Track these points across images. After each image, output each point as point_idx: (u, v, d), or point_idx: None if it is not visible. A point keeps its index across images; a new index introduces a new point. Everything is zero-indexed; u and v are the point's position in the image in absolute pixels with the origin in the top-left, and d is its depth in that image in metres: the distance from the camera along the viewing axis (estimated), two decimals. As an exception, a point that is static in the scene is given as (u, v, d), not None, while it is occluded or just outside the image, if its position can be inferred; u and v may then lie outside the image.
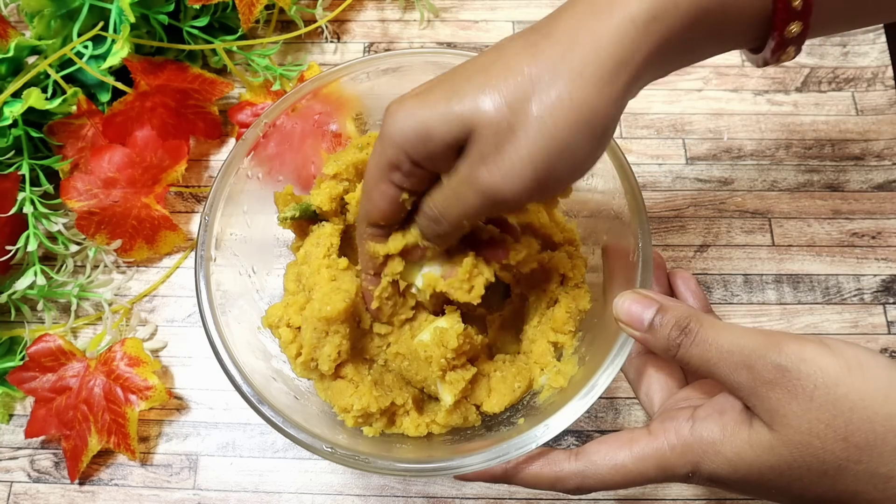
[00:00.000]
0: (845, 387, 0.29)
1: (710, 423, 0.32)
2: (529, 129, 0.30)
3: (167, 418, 0.52)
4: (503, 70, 0.31)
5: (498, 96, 0.31)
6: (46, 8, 0.55)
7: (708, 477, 0.32)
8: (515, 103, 0.30)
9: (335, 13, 0.64)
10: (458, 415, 0.41)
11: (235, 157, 0.44)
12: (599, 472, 0.34)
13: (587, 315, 0.44)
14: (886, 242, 0.56)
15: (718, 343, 0.32)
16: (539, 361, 0.43)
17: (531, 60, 0.31)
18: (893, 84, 0.62)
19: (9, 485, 0.50)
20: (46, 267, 0.53)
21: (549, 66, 0.30)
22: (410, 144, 0.32)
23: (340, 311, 0.38)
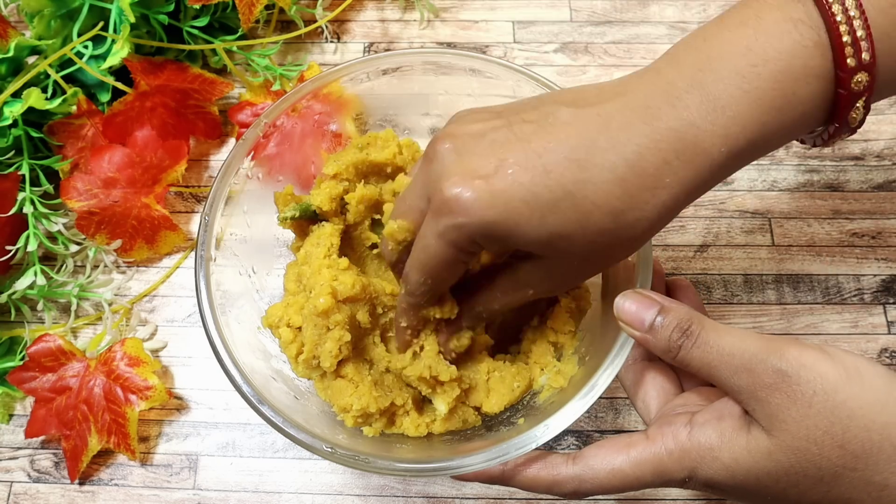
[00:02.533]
0: (844, 394, 0.29)
1: (707, 429, 0.32)
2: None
3: (167, 418, 0.52)
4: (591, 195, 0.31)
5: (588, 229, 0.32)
6: (46, 8, 0.55)
7: (705, 482, 0.32)
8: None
9: (335, 13, 0.64)
10: (457, 419, 0.41)
11: (235, 157, 0.44)
12: (597, 476, 0.34)
13: (587, 315, 0.44)
14: (886, 242, 0.56)
15: (720, 346, 0.32)
16: (539, 361, 0.43)
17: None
18: (893, 84, 0.62)
19: (9, 485, 0.50)
20: (46, 267, 0.53)
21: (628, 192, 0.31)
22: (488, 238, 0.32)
23: (333, 304, 0.38)
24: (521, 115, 0.33)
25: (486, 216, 0.31)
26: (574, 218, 0.31)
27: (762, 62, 0.31)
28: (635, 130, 0.31)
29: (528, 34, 0.65)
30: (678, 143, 0.31)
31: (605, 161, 0.31)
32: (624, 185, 0.31)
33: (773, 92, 0.31)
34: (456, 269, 0.35)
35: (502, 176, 0.31)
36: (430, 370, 0.39)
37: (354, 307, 0.40)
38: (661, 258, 0.56)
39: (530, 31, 0.65)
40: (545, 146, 0.31)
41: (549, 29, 0.65)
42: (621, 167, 0.31)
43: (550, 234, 0.32)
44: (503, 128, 0.33)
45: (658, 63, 0.33)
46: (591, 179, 0.31)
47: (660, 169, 0.31)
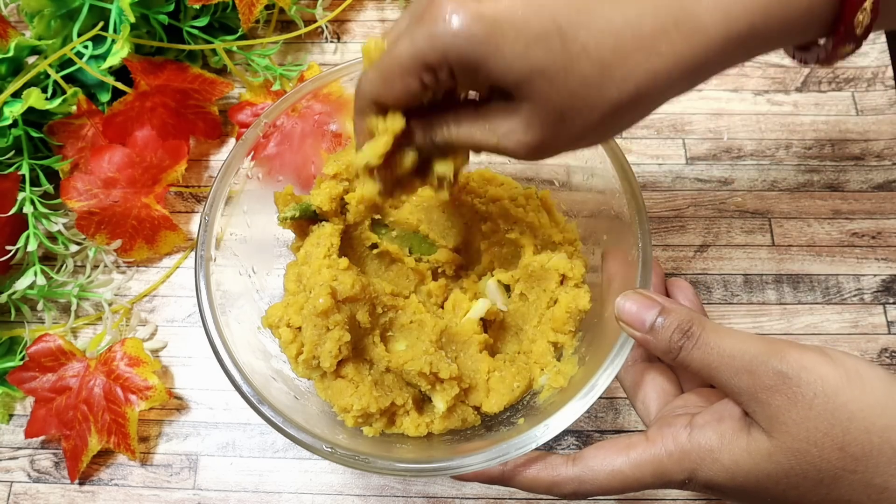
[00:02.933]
0: (844, 396, 0.29)
1: (707, 431, 0.32)
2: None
3: (167, 418, 0.52)
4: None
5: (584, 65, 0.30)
6: (46, 8, 0.55)
7: (704, 484, 0.32)
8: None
9: (335, 13, 0.64)
10: (456, 417, 0.41)
11: (235, 157, 0.44)
12: (596, 477, 0.34)
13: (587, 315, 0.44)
14: (886, 242, 0.56)
15: (720, 347, 0.32)
16: (539, 361, 0.43)
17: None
18: (893, 84, 0.62)
19: (9, 485, 0.50)
20: (46, 267, 0.53)
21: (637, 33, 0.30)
22: (462, 61, 0.30)
23: (332, 304, 0.38)
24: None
25: (468, 30, 0.29)
26: (560, 57, 0.30)
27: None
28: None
29: (528, 34, 0.65)
30: (679, 13, 0.30)
31: (605, 11, 0.30)
32: (618, 38, 0.30)
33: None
34: (411, 86, 0.32)
35: (498, 2, 0.30)
36: (431, 366, 0.39)
37: (354, 307, 0.40)
38: (661, 258, 0.56)
39: (530, 31, 0.65)
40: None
41: (549, 29, 0.65)
42: (619, 21, 0.30)
43: (531, 68, 0.30)
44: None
45: None
46: (586, 23, 0.30)
47: (656, 35, 0.30)
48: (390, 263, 0.45)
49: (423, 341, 0.41)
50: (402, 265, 0.45)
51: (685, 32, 0.30)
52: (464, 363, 0.42)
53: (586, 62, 0.30)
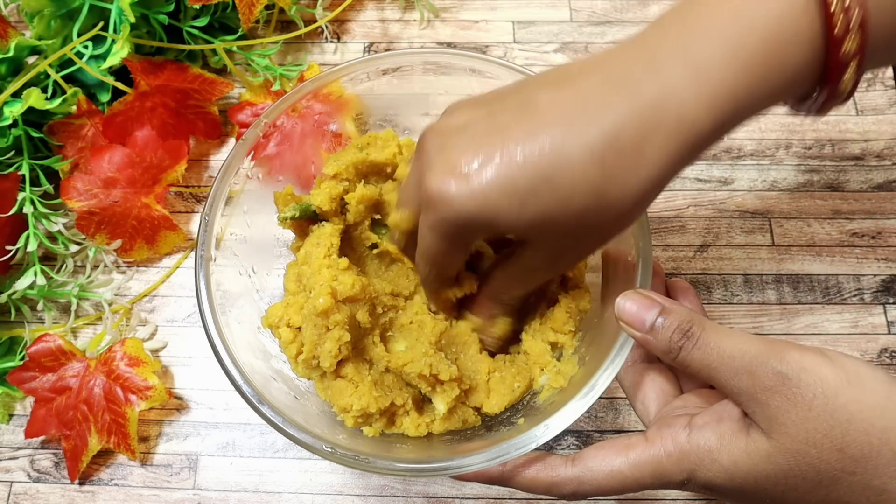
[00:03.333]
0: (844, 398, 0.29)
1: (707, 432, 0.32)
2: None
3: (167, 418, 0.52)
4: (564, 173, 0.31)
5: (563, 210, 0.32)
6: (46, 8, 0.55)
7: (703, 485, 0.32)
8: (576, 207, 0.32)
9: (335, 13, 0.64)
10: (457, 419, 0.41)
11: (235, 157, 0.44)
12: (595, 478, 0.34)
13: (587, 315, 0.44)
14: (886, 242, 0.56)
15: (720, 348, 0.32)
16: (539, 361, 0.43)
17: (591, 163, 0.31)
18: (893, 84, 0.62)
19: (9, 485, 0.50)
20: (46, 267, 0.53)
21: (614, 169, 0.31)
22: (473, 232, 0.34)
23: (332, 304, 0.38)
24: (502, 103, 0.33)
25: (467, 209, 0.32)
26: (554, 202, 0.31)
27: (749, 27, 0.30)
28: (613, 106, 0.31)
29: (528, 34, 0.65)
30: (659, 114, 0.30)
31: (582, 142, 0.31)
32: (602, 163, 0.31)
33: (761, 57, 0.30)
34: (455, 256, 0.37)
35: (480, 169, 0.32)
36: (431, 368, 0.39)
37: (354, 307, 0.40)
38: (661, 258, 0.56)
39: (530, 31, 0.65)
40: (522, 134, 0.31)
41: (549, 29, 0.65)
42: (599, 146, 0.30)
43: (533, 220, 0.32)
44: (484, 118, 0.33)
45: (643, 32, 0.33)
46: (567, 163, 0.31)
47: (640, 144, 0.30)
48: (390, 263, 0.45)
49: (423, 343, 0.41)
50: (403, 265, 0.45)
51: (669, 131, 0.31)
52: (464, 364, 0.42)
53: (579, 197, 0.31)
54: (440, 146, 0.33)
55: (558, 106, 0.32)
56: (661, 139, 0.31)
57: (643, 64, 0.31)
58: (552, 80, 0.33)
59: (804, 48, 0.30)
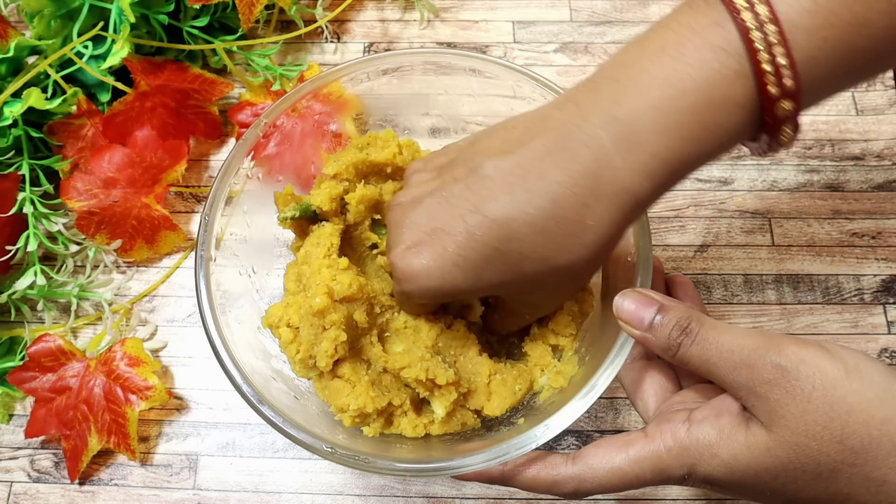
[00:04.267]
0: (843, 389, 0.29)
1: (706, 426, 0.32)
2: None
3: (167, 418, 0.52)
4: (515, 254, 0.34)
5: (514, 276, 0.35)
6: (46, 8, 0.55)
7: (703, 479, 0.32)
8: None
9: (335, 13, 0.64)
10: (455, 422, 0.41)
11: (235, 157, 0.44)
12: (596, 475, 0.34)
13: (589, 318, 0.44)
14: (886, 242, 0.56)
15: (719, 343, 0.32)
16: (539, 362, 0.43)
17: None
18: (893, 84, 0.62)
19: (9, 485, 0.50)
20: (46, 267, 0.53)
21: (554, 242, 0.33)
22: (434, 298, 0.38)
23: (328, 304, 0.38)
24: (453, 173, 0.36)
25: (426, 284, 0.35)
26: (507, 269, 0.34)
27: (680, 94, 0.30)
28: (551, 178, 0.32)
29: (528, 34, 0.65)
30: (595, 186, 0.32)
31: (525, 214, 0.32)
32: (546, 234, 0.32)
33: (693, 124, 0.30)
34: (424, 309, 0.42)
35: (434, 246, 0.35)
36: (427, 372, 0.39)
37: (352, 307, 0.40)
38: (661, 258, 0.56)
39: (530, 31, 0.65)
40: (469, 208, 0.34)
41: (549, 29, 0.65)
42: (540, 218, 0.32)
43: (490, 285, 0.35)
44: (437, 191, 0.36)
45: (580, 91, 0.33)
46: (513, 235, 0.33)
47: (579, 213, 0.32)
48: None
49: (419, 346, 0.41)
50: None
51: (608, 199, 0.32)
52: (464, 366, 0.42)
53: (529, 264, 0.33)
54: (400, 222, 0.36)
55: (500, 178, 0.33)
56: (601, 208, 0.32)
57: (578, 131, 0.32)
58: (496, 148, 0.35)
59: (737, 112, 0.30)
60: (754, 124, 0.31)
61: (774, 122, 0.30)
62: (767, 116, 0.30)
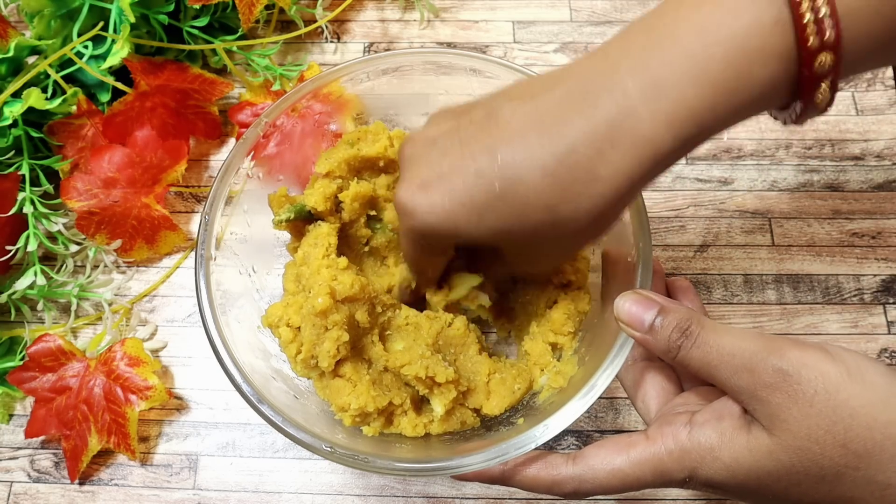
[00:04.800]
0: (845, 393, 0.29)
1: (707, 429, 0.32)
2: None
3: (167, 418, 0.52)
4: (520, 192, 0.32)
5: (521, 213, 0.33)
6: (46, 8, 0.55)
7: (705, 482, 0.32)
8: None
9: (335, 13, 0.64)
10: (455, 420, 0.41)
11: (235, 157, 0.44)
12: (597, 476, 0.34)
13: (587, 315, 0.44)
14: (886, 242, 0.56)
15: (720, 346, 0.32)
16: (539, 362, 0.43)
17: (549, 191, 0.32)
18: (893, 84, 0.62)
19: (9, 485, 0.50)
20: (46, 267, 0.53)
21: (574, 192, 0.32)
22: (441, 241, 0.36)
23: (331, 304, 0.38)
24: (470, 115, 0.35)
25: (429, 221, 0.34)
26: (510, 214, 0.33)
27: (715, 42, 0.29)
28: (569, 123, 0.31)
29: (528, 34, 0.65)
30: (614, 134, 0.30)
31: (536, 158, 0.31)
32: (554, 179, 0.31)
33: (726, 73, 0.29)
34: (431, 260, 0.40)
35: (441, 183, 0.34)
36: (427, 370, 0.39)
37: (353, 307, 0.40)
38: (661, 258, 0.56)
39: (530, 31, 0.65)
40: (481, 150, 0.33)
41: (549, 29, 0.65)
42: (552, 163, 0.31)
43: (491, 231, 0.34)
44: (452, 132, 0.35)
45: (610, 42, 0.32)
46: (521, 178, 0.32)
47: (593, 160, 0.31)
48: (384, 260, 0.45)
49: (420, 344, 0.41)
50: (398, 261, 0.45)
51: (625, 149, 0.30)
52: (463, 365, 0.42)
53: (533, 211, 0.32)
54: (412, 158, 0.36)
55: (517, 121, 0.32)
56: (616, 158, 0.30)
57: (602, 79, 0.31)
58: (517, 94, 0.34)
59: (773, 64, 0.29)
60: (790, 81, 0.30)
61: (812, 78, 0.29)
62: (805, 69, 0.29)
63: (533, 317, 0.44)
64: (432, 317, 0.42)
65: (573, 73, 0.32)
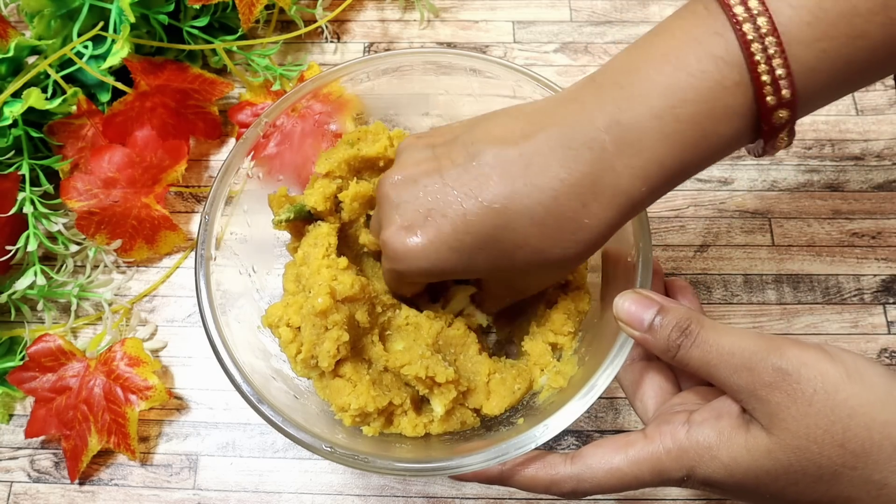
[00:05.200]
0: (844, 393, 0.29)
1: (706, 428, 0.32)
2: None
3: (167, 418, 0.52)
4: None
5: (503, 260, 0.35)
6: (46, 8, 0.55)
7: (703, 481, 0.32)
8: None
9: (335, 13, 0.64)
10: (455, 420, 0.41)
11: (235, 157, 0.44)
12: (595, 475, 0.34)
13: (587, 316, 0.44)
14: (886, 242, 0.56)
15: (719, 345, 0.32)
16: (539, 362, 0.43)
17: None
18: (893, 84, 0.62)
19: (9, 485, 0.50)
20: (46, 267, 0.53)
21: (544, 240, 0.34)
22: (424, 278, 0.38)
23: (331, 304, 0.38)
24: (451, 156, 0.35)
25: (418, 265, 0.35)
26: (500, 256, 0.34)
27: (681, 103, 0.31)
28: (553, 175, 0.33)
29: (528, 34, 0.65)
30: (595, 187, 0.32)
31: (524, 207, 0.33)
32: (543, 228, 0.33)
33: (693, 132, 0.31)
34: (412, 288, 0.42)
35: (430, 227, 0.35)
36: (427, 370, 0.39)
37: (353, 307, 0.40)
38: (661, 258, 0.56)
39: (530, 31, 0.65)
40: (468, 192, 0.34)
41: (549, 29, 0.65)
42: (539, 212, 0.33)
43: (481, 270, 0.36)
44: (433, 172, 0.35)
45: (584, 91, 0.34)
46: (510, 224, 0.33)
47: (578, 212, 0.33)
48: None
49: (420, 344, 0.41)
50: None
51: (605, 201, 0.33)
52: (463, 365, 0.42)
53: (522, 254, 0.34)
54: (394, 200, 0.36)
55: (503, 166, 0.33)
56: (598, 208, 0.33)
57: (581, 134, 0.33)
58: (498, 137, 0.35)
59: (736, 122, 0.31)
60: (751, 131, 0.32)
61: (771, 129, 0.31)
62: (764, 124, 0.31)
63: (532, 317, 0.44)
64: (432, 317, 0.42)
65: (553, 120, 0.34)
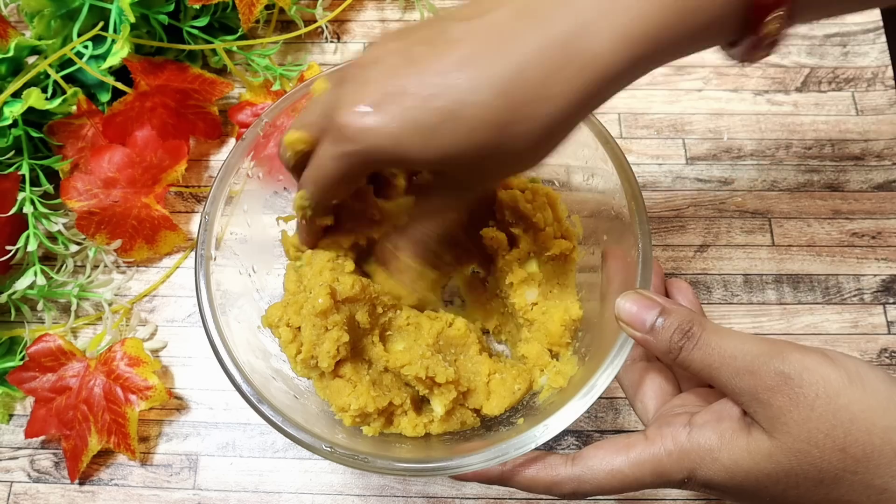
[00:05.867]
0: (846, 397, 0.29)
1: (707, 430, 0.32)
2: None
3: (167, 418, 0.52)
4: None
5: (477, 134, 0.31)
6: (46, 8, 0.55)
7: (703, 483, 0.32)
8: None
9: (335, 13, 0.64)
10: (455, 420, 0.41)
11: (235, 157, 0.44)
12: (595, 476, 0.34)
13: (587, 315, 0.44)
14: (886, 242, 0.56)
15: (721, 347, 0.32)
16: (538, 363, 0.43)
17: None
18: (893, 84, 0.62)
19: (9, 485, 0.50)
20: (46, 267, 0.53)
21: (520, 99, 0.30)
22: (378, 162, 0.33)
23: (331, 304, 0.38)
24: (419, 35, 0.33)
25: (375, 143, 0.32)
26: (459, 137, 0.31)
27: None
28: (522, 39, 0.30)
29: (528, 34, 0.65)
30: (568, 50, 0.30)
31: (489, 76, 0.30)
32: (506, 98, 0.30)
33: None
34: (347, 186, 0.37)
35: (389, 104, 0.31)
36: (427, 370, 0.39)
37: (354, 307, 0.40)
38: (661, 258, 0.56)
39: (530, 31, 0.65)
40: (431, 68, 0.31)
41: (549, 29, 0.65)
42: (504, 81, 0.30)
43: (438, 155, 0.32)
44: (399, 52, 0.33)
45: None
46: (472, 97, 0.30)
47: (547, 79, 0.30)
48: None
49: (420, 344, 0.41)
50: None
51: (578, 67, 0.30)
52: (463, 365, 0.42)
53: (483, 131, 0.31)
54: (356, 79, 0.33)
55: (468, 39, 0.31)
56: (569, 75, 0.30)
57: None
58: (468, 13, 0.32)
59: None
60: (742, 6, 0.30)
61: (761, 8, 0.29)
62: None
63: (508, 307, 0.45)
64: (433, 317, 0.42)
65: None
